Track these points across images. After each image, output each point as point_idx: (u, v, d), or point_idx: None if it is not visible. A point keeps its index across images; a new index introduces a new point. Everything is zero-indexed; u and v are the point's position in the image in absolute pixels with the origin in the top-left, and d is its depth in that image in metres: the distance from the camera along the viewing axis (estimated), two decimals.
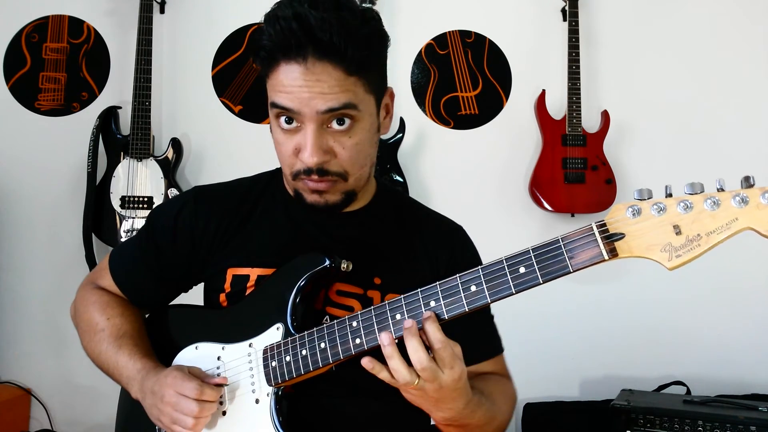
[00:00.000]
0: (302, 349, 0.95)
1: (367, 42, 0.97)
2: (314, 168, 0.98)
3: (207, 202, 1.15)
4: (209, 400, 0.97)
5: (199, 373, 1.03)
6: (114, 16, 2.61)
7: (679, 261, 0.74)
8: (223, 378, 1.02)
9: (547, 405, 2.31)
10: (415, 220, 1.17)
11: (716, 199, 0.73)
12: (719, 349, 2.43)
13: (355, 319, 0.92)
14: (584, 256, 0.79)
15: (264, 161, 1.26)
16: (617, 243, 0.77)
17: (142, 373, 1.05)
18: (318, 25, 0.91)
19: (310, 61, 0.93)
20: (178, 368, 1.01)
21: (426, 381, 0.85)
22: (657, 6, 2.57)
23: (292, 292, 1.00)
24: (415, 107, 2.58)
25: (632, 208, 0.77)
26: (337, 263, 1.00)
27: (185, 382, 0.97)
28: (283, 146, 1.01)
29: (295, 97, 0.94)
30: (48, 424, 2.51)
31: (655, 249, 0.75)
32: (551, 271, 0.81)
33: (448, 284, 0.86)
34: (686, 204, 0.75)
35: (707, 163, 2.50)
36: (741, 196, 0.72)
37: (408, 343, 0.84)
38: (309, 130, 0.96)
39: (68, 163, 2.54)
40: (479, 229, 1.21)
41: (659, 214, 0.76)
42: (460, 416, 0.91)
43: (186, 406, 0.96)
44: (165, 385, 0.99)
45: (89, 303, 1.17)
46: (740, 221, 0.72)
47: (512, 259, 0.83)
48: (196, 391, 0.96)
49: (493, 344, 1.17)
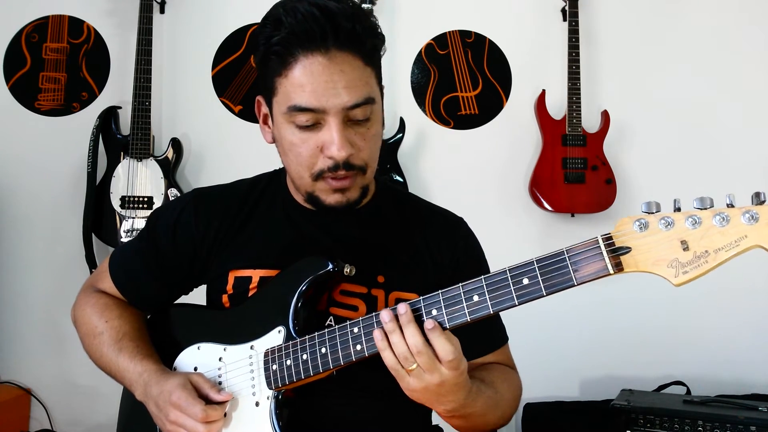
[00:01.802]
0: (303, 353, 0.95)
1: (378, 32, 1.00)
2: (341, 162, 0.97)
3: (207, 204, 1.15)
4: (214, 420, 0.97)
5: (201, 383, 1.01)
6: (114, 16, 2.61)
7: (686, 277, 0.73)
8: (228, 395, 1.00)
9: (547, 405, 2.31)
10: (417, 216, 1.17)
11: (725, 215, 0.71)
12: (719, 349, 2.43)
13: (356, 325, 0.92)
14: (589, 270, 0.78)
15: (264, 161, 1.26)
16: (623, 257, 0.76)
17: (144, 377, 1.04)
18: (340, 13, 0.93)
19: (333, 50, 0.93)
20: (183, 385, 0.99)
21: (424, 370, 0.85)
22: (657, 6, 2.57)
23: (294, 296, 1.00)
24: (415, 107, 2.58)
25: (639, 222, 0.76)
26: (340, 267, 1.00)
27: (190, 406, 0.96)
28: (301, 148, 0.99)
29: (318, 94, 0.94)
30: (48, 424, 2.50)
31: (662, 264, 0.74)
32: (555, 284, 0.80)
33: (451, 293, 0.86)
34: (695, 219, 0.73)
35: (707, 163, 2.50)
36: (751, 213, 0.70)
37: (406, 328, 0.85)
38: (334, 125, 0.96)
39: (68, 163, 2.54)
40: (479, 229, 1.21)
41: (667, 228, 0.74)
42: (461, 406, 0.92)
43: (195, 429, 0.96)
44: (169, 403, 0.98)
45: (88, 306, 1.17)
46: (749, 239, 0.70)
47: (516, 269, 0.83)
48: (201, 415, 0.95)
49: (496, 336, 1.17)
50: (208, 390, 1.00)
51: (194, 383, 1.00)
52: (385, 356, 0.87)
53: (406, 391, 0.90)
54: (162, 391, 1.00)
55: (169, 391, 0.99)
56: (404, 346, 0.85)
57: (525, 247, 2.50)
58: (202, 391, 1.00)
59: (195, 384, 1.00)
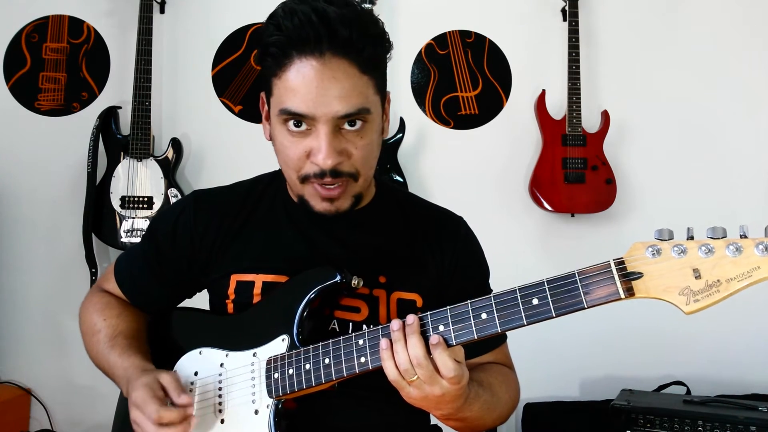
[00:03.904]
0: (306, 363, 0.95)
1: (381, 41, 0.98)
2: (327, 171, 0.96)
3: (206, 206, 1.14)
4: (168, 421, 0.93)
5: (168, 383, 0.98)
6: (114, 16, 2.61)
7: (697, 306, 0.73)
8: (187, 398, 0.96)
9: (547, 405, 2.31)
10: (417, 216, 1.17)
11: (739, 246, 0.71)
12: (719, 349, 2.43)
13: (361, 337, 0.91)
14: (600, 293, 0.78)
15: (264, 161, 1.26)
16: (634, 282, 0.76)
17: (128, 372, 1.02)
18: (338, 19, 0.91)
19: (327, 56, 0.92)
20: (146, 383, 0.97)
21: (424, 382, 0.85)
22: (657, 6, 2.57)
23: (300, 305, 0.99)
24: (415, 107, 2.58)
25: (652, 248, 0.76)
26: (348, 279, 0.99)
27: (146, 404, 0.93)
28: (289, 150, 0.98)
29: (309, 100, 0.93)
30: (48, 424, 2.50)
31: (673, 291, 0.74)
32: (565, 305, 0.80)
33: (459, 309, 0.86)
34: (708, 248, 0.73)
35: (707, 162, 2.50)
36: (765, 245, 0.70)
37: (409, 338, 0.85)
38: (323, 132, 0.94)
39: (68, 163, 2.54)
40: (479, 229, 1.21)
41: (680, 256, 0.74)
42: (457, 411, 0.92)
43: (147, 429, 0.94)
44: (132, 401, 0.96)
45: (91, 305, 1.18)
46: (762, 270, 0.70)
47: (526, 289, 0.82)
48: (154, 416, 0.92)
49: (495, 336, 1.16)
50: (171, 391, 0.97)
51: (164, 383, 0.98)
52: (387, 367, 0.86)
53: (406, 398, 0.90)
54: (132, 388, 0.98)
55: (134, 388, 0.97)
56: (406, 356, 0.85)
57: (525, 247, 2.51)
58: (167, 391, 0.98)
59: (164, 384, 0.98)
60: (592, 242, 2.46)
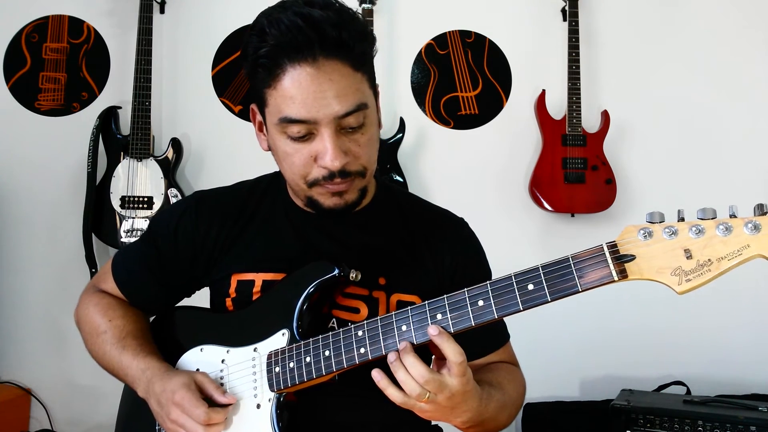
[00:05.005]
0: (306, 356, 0.95)
1: (366, 36, 0.98)
2: (336, 172, 0.97)
3: (208, 207, 1.15)
4: (216, 422, 0.96)
5: (206, 383, 1.00)
6: (114, 16, 2.61)
7: (689, 285, 0.74)
8: (232, 397, 1.00)
9: (547, 405, 2.31)
10: (418, 217, 1.17)
11: (728, 225, 0.73)
12: (719, 349, 2.43)
13: (360, 329, 0.92)
14: (594, 276, 0.79)
15: (264, 161, 1.26)
16: (627, 264, 0.77)
17: (148, 374, 1.04)
18: (325, 21, 0.91)
19: (320, 59, 0.92)
20: (187, 384, 0.98)
21: (435, 393, 0.85)
22: (657, 6, 2.57)
23: (299, 299, 1.00)
24: (415, 107, 2.58)
25: (644, 231, 0.77)
26: (346, 272, 1.00)
27: (193, 407, 0.95)
28: (294, 157, 0.99)
29: (308, 105, 0.93)
30: (48, 424, 2.50)
31: (666, 272, 0.75)
32: (560, 290, 0.81)
33: (456, 297, 0.86)
34: (698, 228, 0.74)
35: (707, 162, 2.50)
36: (753, 223, 0.71)
37: (405, 360, 0.85)
38: (327, 135, 0.95)
39: (68, 163, 2.54)
40: (479, 229, 1.21)
41: (671, 237, 0.75)
42: (477, 414, 0.92)
43: (193, 430, 0.96)
44: (172, 402, 0.97)
45: (91, 305, 1.17)
46: (752, 248, 0.71)
47: (521, 275, 0.83)
48: (204, 418, 0.94)
49: (498, 335, 1.17)
50: (212, 391, 0.99)
51: (199, 383, 1.00)
52: (390, 393, 0.86)
53: (421, 415, 0.89)
54: (165, 389, 0.99)
55: (172, 389, 0.98)
56: (413, 382, 0.84)
57: (525, 247, 2.51)
58: (206, 392, 1.00)
59: (199, 384, 1.00)
60: (592, 242, 2.41)
